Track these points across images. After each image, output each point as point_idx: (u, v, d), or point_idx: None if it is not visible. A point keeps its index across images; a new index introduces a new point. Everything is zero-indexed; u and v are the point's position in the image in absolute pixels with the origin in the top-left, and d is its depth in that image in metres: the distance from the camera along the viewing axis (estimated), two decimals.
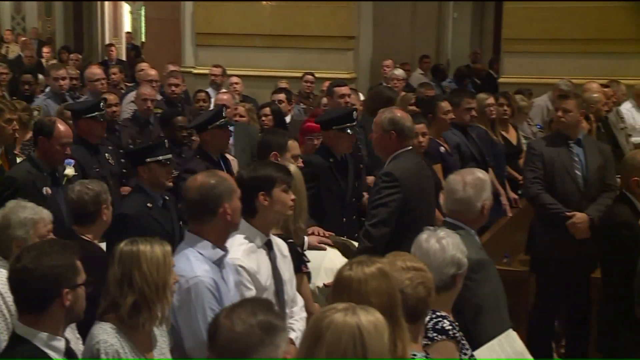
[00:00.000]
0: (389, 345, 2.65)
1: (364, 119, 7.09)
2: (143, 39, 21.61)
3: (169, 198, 5.30)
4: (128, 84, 11.37)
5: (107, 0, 22.34)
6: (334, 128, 5.87)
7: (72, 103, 8.29)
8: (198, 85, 11.15)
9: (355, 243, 5.26)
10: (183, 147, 7.22)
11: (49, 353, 3.04)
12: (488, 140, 7.42)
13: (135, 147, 6.05)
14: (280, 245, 4.19)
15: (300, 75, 11.21)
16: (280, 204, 4.04)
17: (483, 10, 17.77)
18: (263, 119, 7.93)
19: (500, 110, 7.85)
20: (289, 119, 8.73)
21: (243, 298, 3.59)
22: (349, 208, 5.99)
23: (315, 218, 5.45)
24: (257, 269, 3.96)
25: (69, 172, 5.73)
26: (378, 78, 12.43)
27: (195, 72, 13.15)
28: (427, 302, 3.22)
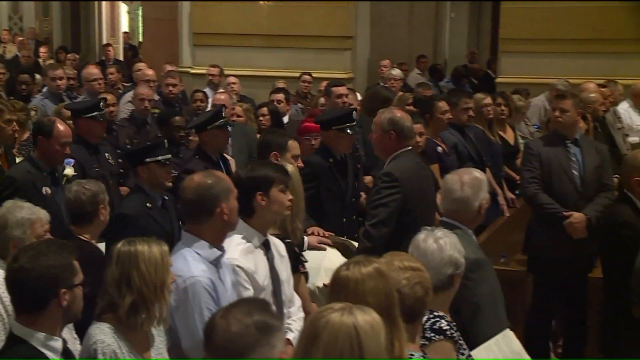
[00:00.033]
0: (387, 345, 2.66)
1: (362, 119, 7.09)
2: (140, 39, 21.61)
3: (169, 198, 5.30)
4: (125, 84, 11.36)
5: (104, 0, 22.34)
6: (334, 128, 5.87)
7: (72, 103, 8.29)
8: (195, 85, 11.16)
9: (355, 243, 5.26)
10: (180, 147, 7.22)
11: (47, 353, 3.04)
12: (485, 140, 7.43)
13: (135, 147, 6.04)
14: (278, 245, 4.19)
15: (298, 75, 11.21)
16: (278, 204, 4.04)
17: (480, 10, 17.76)
18: (260, 119, 7.93)
19: (498, 110, 7.86)
20: (287, 119, 8.73)
21: (240, 298, 3.59)
22: (349, 208, 5.99)
23: (315, 218, 5.46)
24: (254, 269, 3.96)
25: (69, 171, 5.73)
26: (375, 78, 12.43)
27: (193, 72, 13.16)
28: (424, 302, 3.22)
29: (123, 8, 24.30)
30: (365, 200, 6.32)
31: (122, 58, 19.34)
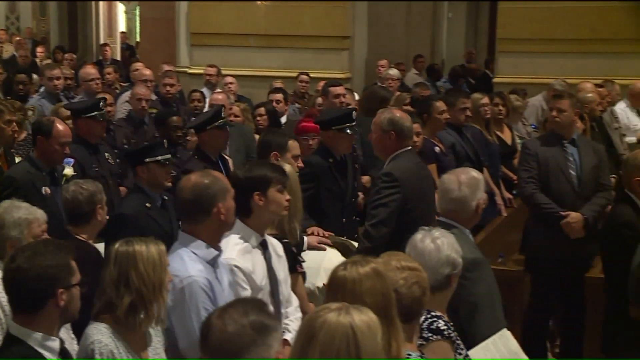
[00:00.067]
0: (384, 345, 2.65)
1: (359, 119, 7.07)
2: (138, 39, 21.54)
3: (168, 198, 5.29)
4: (123, 84, 11.36)
5: (101, 0, 22.32)
6: (334, 128, 5.86)
7: (72, 102, 8.29)
8: (193, 85, 11.14)
9: (355, 243, 5.27)
10: (178, 147, 7.21)
11: (44, 353, 3.04)
12: (483, 140, 7.43)
13: (134, 147, 6.03)
14: (275, 245, 4.19)
15: (295, 75, 11.21)
16: (276, 204, 4.05)
17: (478, 10, 17.78)
18: (258, 119, 7.93)
19: (495, 110, 7.86)
20: (285, 119, 8.73)
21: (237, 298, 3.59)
22: (349, 208, 5.99)
23: (315, 218, 5.46)
24: (252, 269, 3.97)
25: (68, 171, 5.72)
26: (373, 78, 12.43)
27: (190, 72, 13.14)
28: (421, 301, 3.22)
29: (120, 8, 24.28)
30: (363, 201, 6.34)
31: (119, 58, 19.33)
